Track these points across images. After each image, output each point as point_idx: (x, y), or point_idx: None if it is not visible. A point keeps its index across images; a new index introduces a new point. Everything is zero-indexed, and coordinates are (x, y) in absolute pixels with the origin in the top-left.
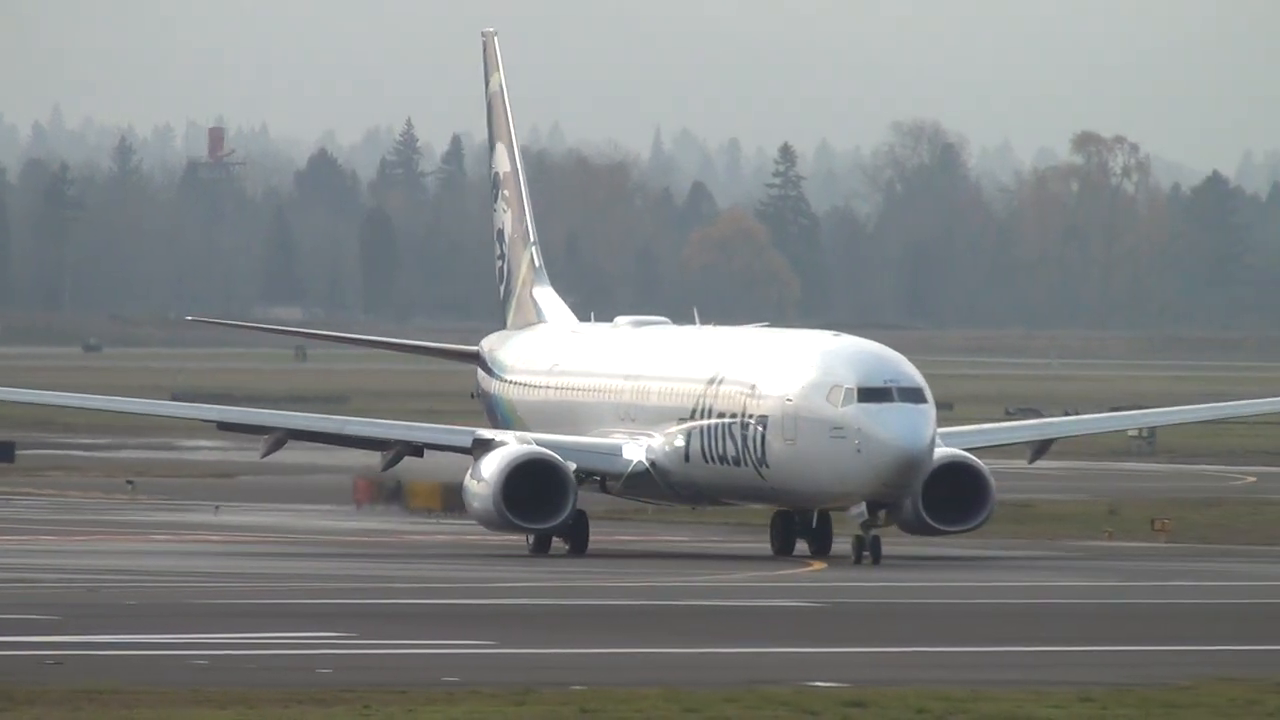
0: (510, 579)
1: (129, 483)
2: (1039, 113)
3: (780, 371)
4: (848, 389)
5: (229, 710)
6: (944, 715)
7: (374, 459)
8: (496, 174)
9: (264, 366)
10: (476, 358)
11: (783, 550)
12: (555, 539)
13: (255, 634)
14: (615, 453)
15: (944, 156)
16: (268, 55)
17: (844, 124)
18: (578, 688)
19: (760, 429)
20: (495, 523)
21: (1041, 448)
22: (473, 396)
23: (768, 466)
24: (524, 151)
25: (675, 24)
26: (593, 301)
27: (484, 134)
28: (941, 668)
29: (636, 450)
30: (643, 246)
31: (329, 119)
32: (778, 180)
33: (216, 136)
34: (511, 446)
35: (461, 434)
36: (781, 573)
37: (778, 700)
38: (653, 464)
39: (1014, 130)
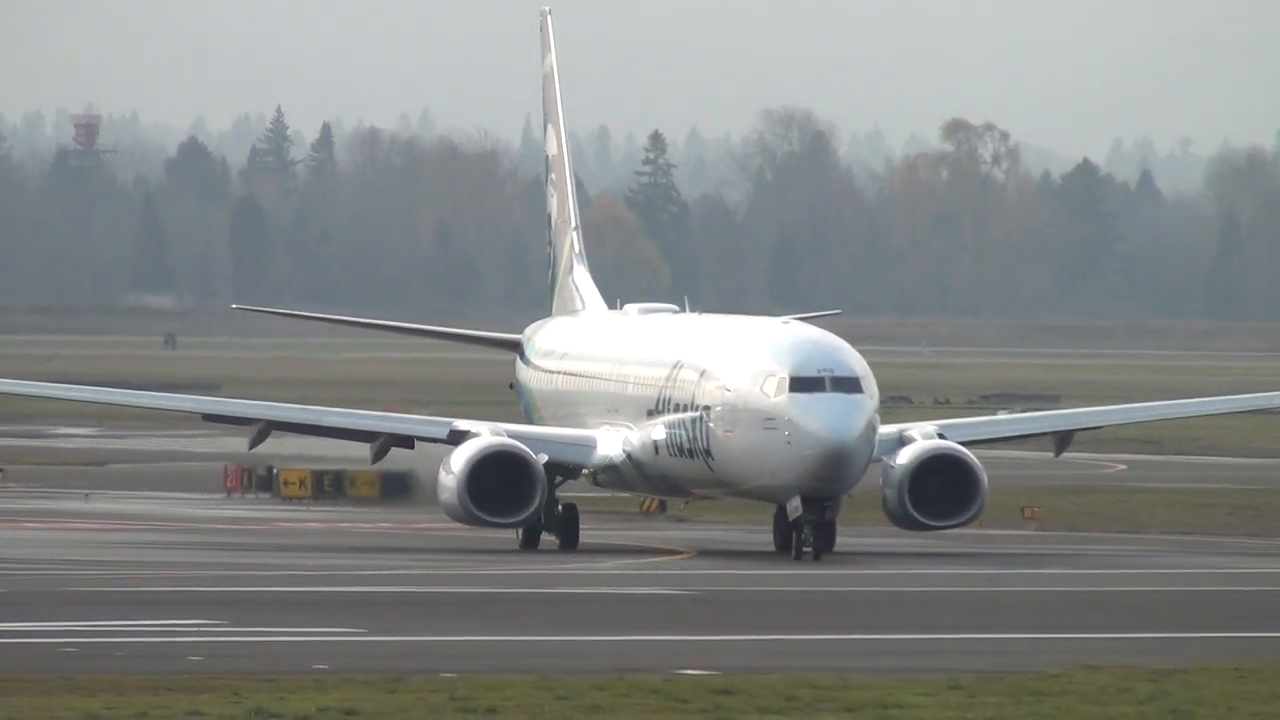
0: (381, 567)
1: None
2: (909, 100)
3: (726, 361)
4: (780, 378)
5: (98, 698)
6: (813, 703)
7: (363, 450)
8: (547, 156)
9: (135, 354)
10: (518, 346)
11: (784, 545)
12: (546, 535)
13: (125, 621)
14: (589, 444)
15: (814, 144)
16: (138, 42)
17: (714, 112)
18: (448, 675)
19: (706, 420)
20: (461, 516)
21: (1064, 440)
22: (510, 387)
23: (713, 458)
24: (393, 139)
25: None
26: (464, 291)
27: (354, 122)
28: (811, 655)
29: (614, 442)
30: (513, 235)
31: (199, 106)
32: (648, 168)
33: (86, 125)
34: (481, 439)
35: (438, 425)
36: (652, 560)
37: (648, 688)
38: (629, 455)
39: (884, 118)
